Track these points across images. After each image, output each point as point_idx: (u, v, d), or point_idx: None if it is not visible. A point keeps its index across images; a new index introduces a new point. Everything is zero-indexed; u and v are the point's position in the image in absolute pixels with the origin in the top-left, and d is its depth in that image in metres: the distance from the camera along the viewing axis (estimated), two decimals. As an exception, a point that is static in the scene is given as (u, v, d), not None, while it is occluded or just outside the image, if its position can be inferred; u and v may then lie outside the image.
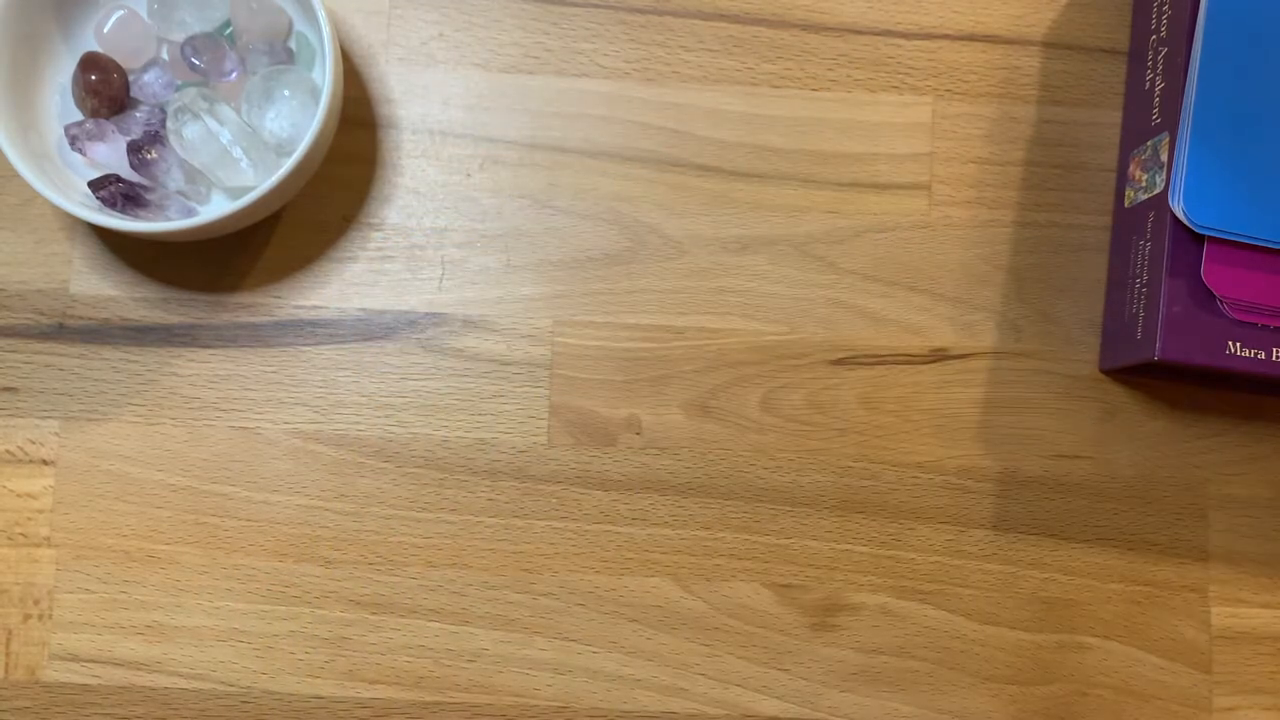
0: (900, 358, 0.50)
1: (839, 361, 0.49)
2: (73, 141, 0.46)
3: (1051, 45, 0.52)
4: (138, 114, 0.47)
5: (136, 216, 0.46)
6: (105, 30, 0.47)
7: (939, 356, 0.50)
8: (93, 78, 0.46)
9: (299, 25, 0.49)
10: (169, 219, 0.46)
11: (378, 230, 0.49)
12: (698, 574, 0.48)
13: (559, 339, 0.49)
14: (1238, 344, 0.45)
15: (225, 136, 0.46)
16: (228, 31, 0.48)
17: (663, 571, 0.48)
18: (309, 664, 0.47)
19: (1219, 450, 0.50)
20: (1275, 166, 0.45)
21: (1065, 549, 0.49)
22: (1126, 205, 0.49)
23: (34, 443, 0.48)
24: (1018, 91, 0.51)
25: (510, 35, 0.50)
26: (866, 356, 0.49)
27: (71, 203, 0.44)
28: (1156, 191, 0.47)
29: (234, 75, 0.47)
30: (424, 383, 0.49)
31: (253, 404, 0.48)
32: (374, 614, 0.48)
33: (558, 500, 0.48)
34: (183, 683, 0.47)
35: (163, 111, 0.47)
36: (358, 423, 0.48)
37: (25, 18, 0.46)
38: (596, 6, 0.51)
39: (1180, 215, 0.45)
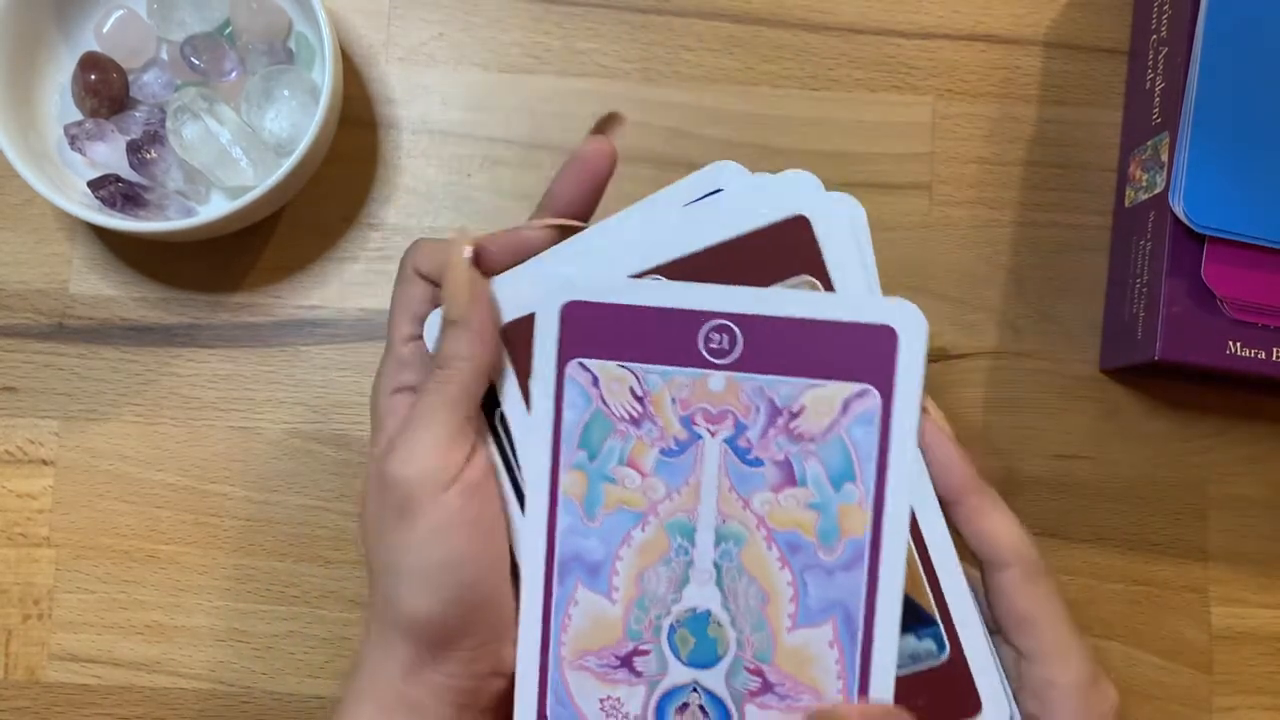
0: (900, 358, 0.49)
1: (839, 361, 0.49)
2: (72, 141, 0.46)
3: (1052, 45, 0.51)
4: (137, 114, 0.47)
5: (136, 216, 0.46)
6: (105, 30, 0.47)
7: (939, 356, 0.50)
8: (92, 77, 0.46)
9: (299, 25, 0.49)
10: (169, 219, 0.46)
11: (377, 230, 0.49)
12: (698, 574, 0.48)
13: (559, 339, 0.49)
14: (1238, 344, 0.45)
15: (225, 136, 0.46)
16: (227, 31, 0.48)
17: (663, 571, 0.48)
18: (309, 664, 0.47)
19: (1219, 450, 0.50)
20: (1275, 166, 0.45)
21: (1065, 549, 0.49)
22: (1127, 205, 0.49)
23: (33, 443, 0.48)
24: (1018, 91, 0.51)
25: (510, 35, 0.50)
26: (866, 356, 0.49)
27: (71, 203, 0.44)
28: (1157, 191, 0.47)
29: (233, 75, 0.47)
30: (424, 383, 0.49)
31: (252, 404, 0.48)
32: (374, 614, 0.48)
33: (558, 500, 0.48)
34: (183, 683, 0.47)
35: (162, 111, 0.47)
36: (358, 423, 0.48)
37: (25, 18, 0.46)
38: (596, 6, 0.51)
39: (1180, 215, 0.44)
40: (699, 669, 0.35)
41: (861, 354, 0.34)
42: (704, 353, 0.35)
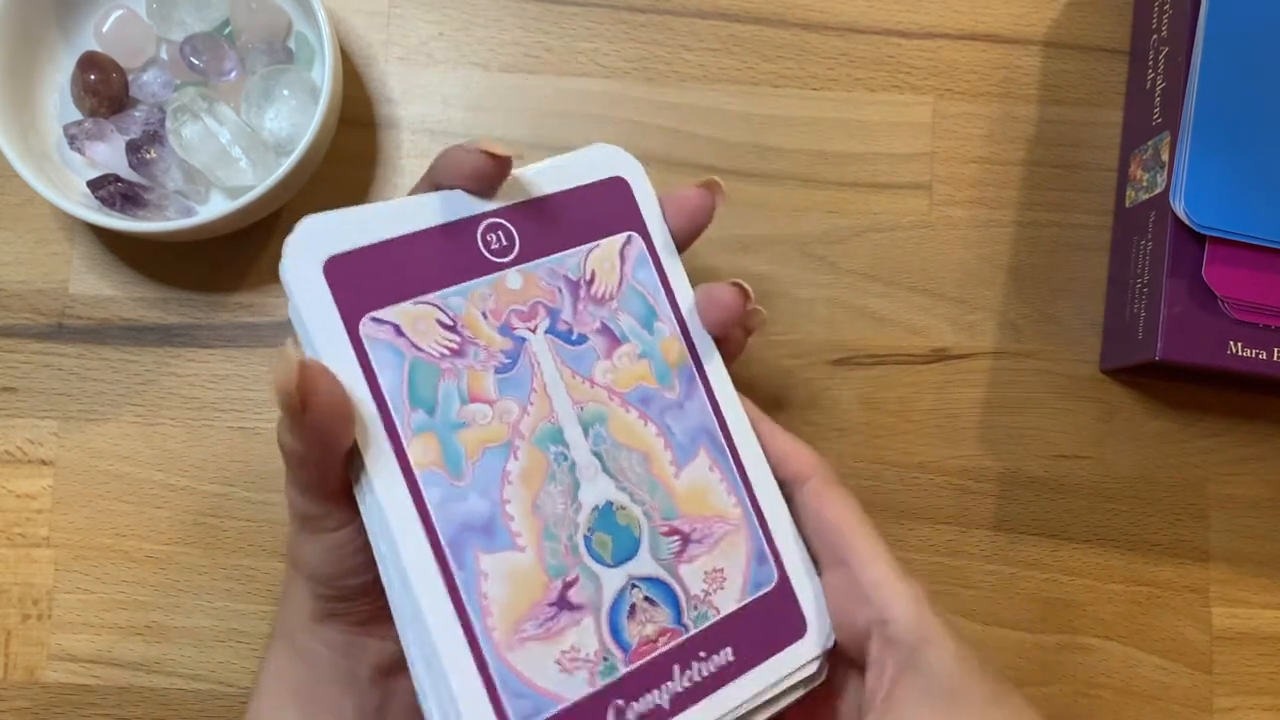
0: (900, 358, 0.50)
1: (839, 361, 0.49)
2: (72, 141, 0.46)
3: (1052, 45, 0.51)
4: (137, 113, 0.47)
5: (136, 216, 0.46)
6: (104, 30, 0.47)
7: (939, 356, 0.50)
8: (92, 77, 0.46)
9: (298, 25, 0.49)
10: (168, 219, 0.46)
11: (377, 230, 0.49)
12: (698, 574, 0.48)
13: (559, 339, 0.49)
14: (1238, 344, 0.45)
15: (224, 136, 0.46)
16: (227, 31, 0.48)
17: (663, 572, 0.48)
18: (309, 664, 0.47)
19: (1219, 450, 0.50)
20: (1276, 166, 0.45)
21: (1065, 549, 0.49)
22: (1127, 205, 0.49)
23: (33, 443, 0.48)
24: (1018, 91, 0.51)
25: (510, 35, 0.50)
26: (866, 356, 0.49)
27: (71, 203, 0.44)
28: (1157, 191, 0.47)
29: (233, 75, 0.47)
30: (424, 383, 0.49)
31: (252, 404, 0.48)
32: (374, 614, 0.48)
33: (558, 500, 0.48)
34: (182, 683, 0.47)
35: (162, 111, 0.47)
36: (357, 423, 0.48)
37: (25, 17, 0.46)
38: (596, 6, 0.51)
39: (1181, 215, 0.44)
40: (626, 563, 0.34)
41: (610, 206, 0.36)
42: (489, 256, 0.34)
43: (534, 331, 0.34)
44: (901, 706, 0.33)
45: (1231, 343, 0.45)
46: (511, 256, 0.34)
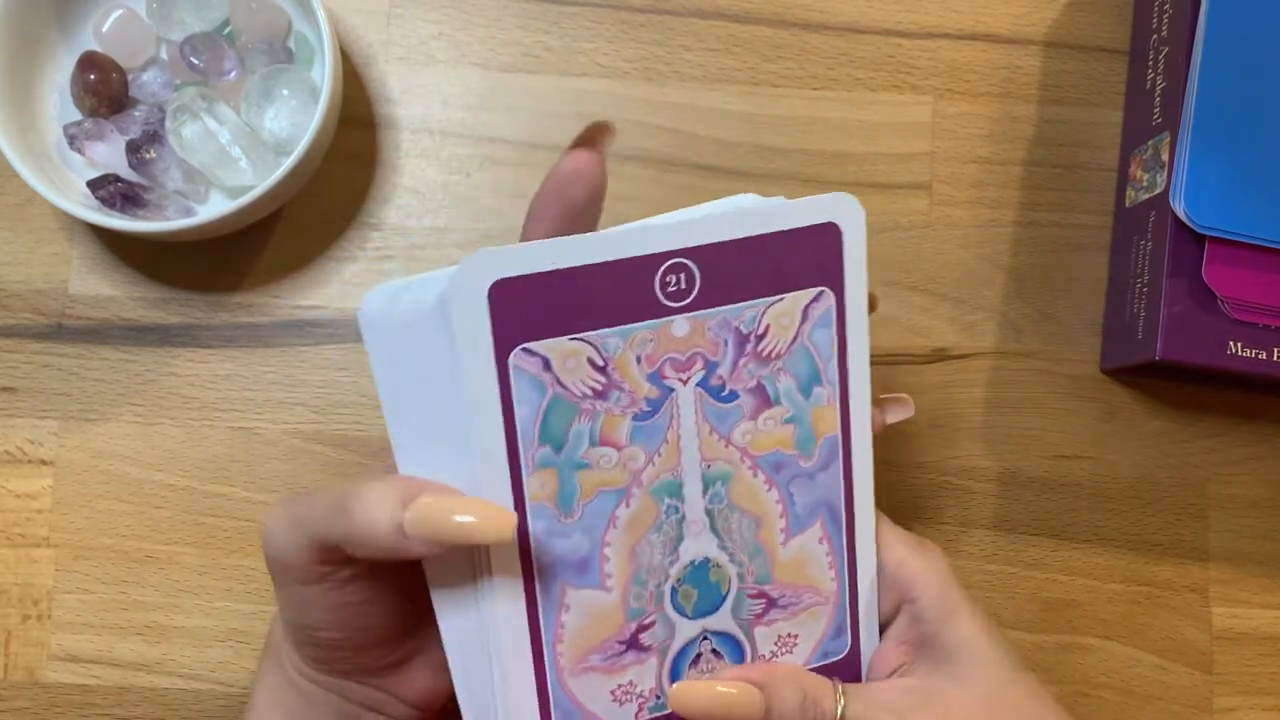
0: (900, 358, 0.49)
1: (839, 361, 0.49)
2: (72, 141, 0.46)
3: (1052, 44, 0.51)
4: (136, 113, 0.47)
5: (135, 216, 0.46)
6: (104, 30, 0.47)
7: (939, 356, 0.50)
8: (91, 77, 0.46)
9: (298, 24, 0.49)
10: (168, 219, 0.46)
11: (377, 230, 0.49)
12: (698, 574, 0.48)
13: (559, 339, 0.49)
14: (1238, 344, 0.45)
15: (224, 136, 0.46)
16: (227, 31, 0.48)
17: (663, 572, 0.48)
18: (308, 664, 0.47)
19: (1219, 450, 0.50)
20: (1275, 166, 0.45)
21: (1065, 549, 0.49)
22: (1127, 205, 0.49)
23: (33, 443, 0.48)
24: (1018, 91, 0.51)
25: (510, 34, 0.50)
26: (867, 356, 0.49)
27: (71, 203, 0.44)
28: (1157, 191, 0.47)
29: (233, 75, 0.47)
30: (424, 383, 0.49)
31: (252, 404, 0.48)
32: (374, 614, 0.48)
33: (558, 500, 0.48)
34: (182, 683, 0.47)
35: (162, 111, 0.47)
36: (357, 423, 0.48)
37: (24, 17, 0.46)
38: (596, 6, 0.51)
39: (1181, 215, 0.44)
40: (705, 617, 0.34)
41: (811, 258, 0.33)
42: (663, 299, 0.31)
43: (684, 384, 0.32)
44: (918, 675, 0.35)
45: (1231, 343, 0.45)
46: (687, 302, 0.32)
